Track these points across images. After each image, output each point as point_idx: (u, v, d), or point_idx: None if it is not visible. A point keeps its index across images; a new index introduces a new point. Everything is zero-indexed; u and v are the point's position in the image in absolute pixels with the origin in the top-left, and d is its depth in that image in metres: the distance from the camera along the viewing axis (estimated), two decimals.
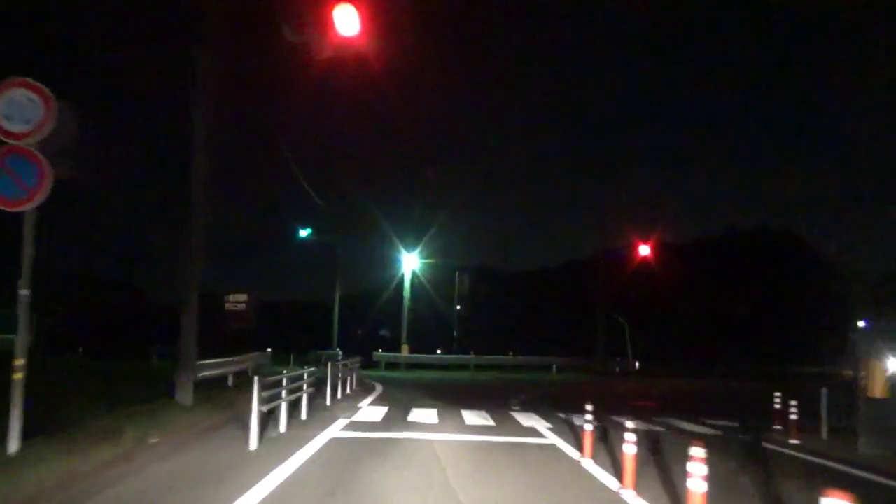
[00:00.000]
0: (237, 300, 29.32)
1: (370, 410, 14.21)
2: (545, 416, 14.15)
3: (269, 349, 25.79)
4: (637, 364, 39.73)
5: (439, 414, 13.90)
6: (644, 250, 37.52)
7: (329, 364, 15.26)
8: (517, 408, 16.03)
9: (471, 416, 13.55)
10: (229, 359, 17.33)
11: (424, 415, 13.62)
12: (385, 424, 11.97)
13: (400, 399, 17.46)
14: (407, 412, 14.04)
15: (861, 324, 48.41)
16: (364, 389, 20.29)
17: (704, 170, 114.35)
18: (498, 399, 18.66)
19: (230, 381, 16.89)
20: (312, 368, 12.86)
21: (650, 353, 43.28)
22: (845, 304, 57.20)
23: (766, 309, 60.26)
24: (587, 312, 58.57)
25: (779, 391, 14.12)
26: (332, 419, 12.34)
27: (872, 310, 55.69)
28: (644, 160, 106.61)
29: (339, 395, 16.79)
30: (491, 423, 12.72)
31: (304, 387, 12.42)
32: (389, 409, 14.45)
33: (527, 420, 13.37)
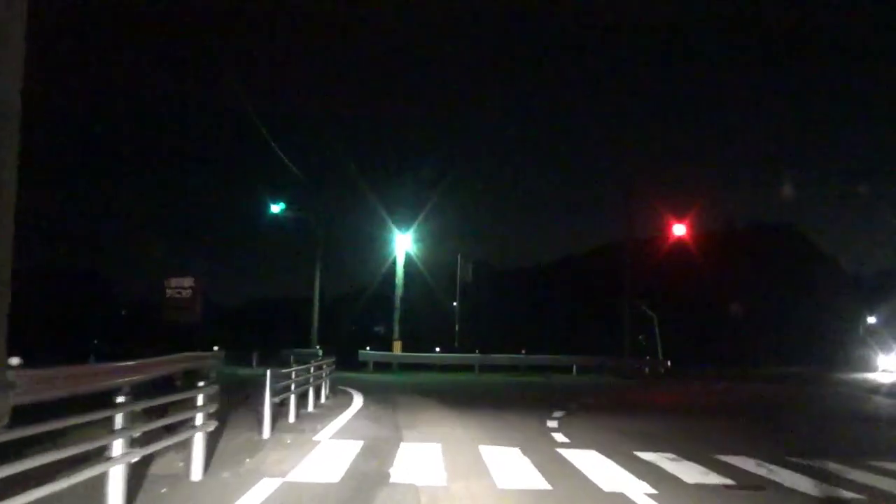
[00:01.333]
0: (180, 286, 23.47)
1: (330, 451, 8.55)
2: (616, 456, 8.52)
3: (215, 347, 20.04)
4: (668, 364, 34.12)
5: (445, 455, 8.29)
6: (679, 230, 31.94)
7: (269, 372, 9.58)
8: (561, 436, 10.41)
9: (499, 463, 7.91)
10: (129, 363, 11.62)
11: (421, 459, 8.00)
12: (346, 494, 6.31)
13: (385, 421, 11.83)
14: (392, 452, 8.43)
15: (872, 320, 43.76)
16: (337, 403, 14.63)
17: (719, 161, 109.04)
18: (525, 416, 13.11)
19: None
20: (209, 391, 7.15)
21: (676, 352, 37.94)
22: (846, 302, 53.46)
23: (775, 306, 56.20)
24: (598, 306, 53.52)
25: None
26: (252, 479, 6.67)
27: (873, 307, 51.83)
28: (660, 148, 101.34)
29: (291, 418, 11.14)
30: (541, 481, 7.03)
31: (199, 419, 6.74)
32: (364, 447, 8.80)
33: (594, 467, 7.74)
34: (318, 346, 29.61)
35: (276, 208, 29.16)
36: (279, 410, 11.48)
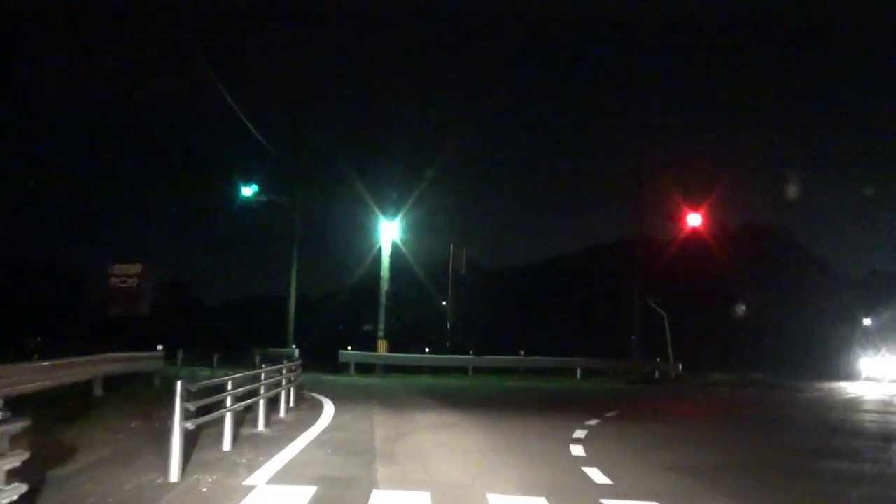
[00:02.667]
0: (125, 273, 20.23)
1: None
2: None
3: (159, 346, 17.11)
4: (680, 367, 31.28)
5: None
6: (694, 219, 29.07)
7: (179, 384, 6.51)
8: (599, 473, 7.45)
9: None
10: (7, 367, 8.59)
11: None
12: None
13: (355, 447, 8.81)
14: None
15: (867, 322, 41.21)
16: (300, 418, 11.57)
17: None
18: (540, 438, 10.17)
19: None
20: (7, 428, 4.13)
21: (683, 354, 35.22)
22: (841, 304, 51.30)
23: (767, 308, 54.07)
24: (600, 305, 50.92)
25: None
26: None
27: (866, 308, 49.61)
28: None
29: (225, 444, 8.11)
30: None
31: None
32: (316, 499, 5.82)
33: None
34: (293, 346, 26.55)
35: (247, 191, 26.06)
36: (213, 432, 8.53)
